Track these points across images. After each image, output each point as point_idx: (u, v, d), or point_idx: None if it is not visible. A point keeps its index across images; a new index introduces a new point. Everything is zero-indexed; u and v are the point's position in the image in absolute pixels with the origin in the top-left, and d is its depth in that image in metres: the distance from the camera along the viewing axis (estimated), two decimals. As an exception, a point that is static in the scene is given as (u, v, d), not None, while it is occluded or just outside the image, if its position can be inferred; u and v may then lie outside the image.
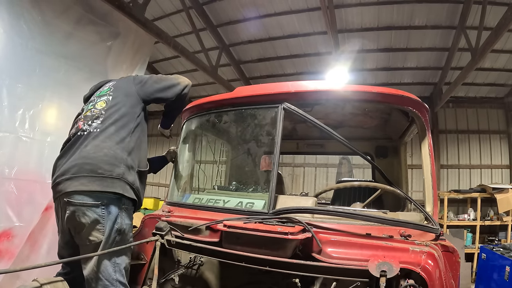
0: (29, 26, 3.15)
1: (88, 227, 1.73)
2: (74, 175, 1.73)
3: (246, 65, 8.74)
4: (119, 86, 2.18)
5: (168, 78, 2.24)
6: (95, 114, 1.97)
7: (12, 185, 2.97)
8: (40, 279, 1.65)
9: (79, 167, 1.74)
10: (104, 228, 1.74)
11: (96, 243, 1.75)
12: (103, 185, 1.73)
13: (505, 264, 4.25)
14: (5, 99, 2.95)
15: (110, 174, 1.76)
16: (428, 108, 2.13)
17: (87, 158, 1.77)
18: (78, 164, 1.75)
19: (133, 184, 1.89)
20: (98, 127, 1.90)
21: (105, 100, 2.04)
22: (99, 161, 1.75)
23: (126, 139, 1.92)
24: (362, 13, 6.40)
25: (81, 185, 1.71)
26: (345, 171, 8.86)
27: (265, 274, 1.72)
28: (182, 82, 2.23)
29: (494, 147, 8.31)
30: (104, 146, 1.81)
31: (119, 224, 1.81)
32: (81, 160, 1.77)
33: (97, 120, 1.93)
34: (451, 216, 7.64)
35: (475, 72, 6.91)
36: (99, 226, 1.74)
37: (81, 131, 1.92)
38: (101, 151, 1.79)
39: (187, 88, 2.25)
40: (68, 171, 1.76)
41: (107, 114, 1.95)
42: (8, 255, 2.92)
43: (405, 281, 1.44)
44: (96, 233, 1.75)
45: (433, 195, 2.03)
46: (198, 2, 6.72)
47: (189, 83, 2.27)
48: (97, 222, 1.73)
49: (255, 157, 2.62)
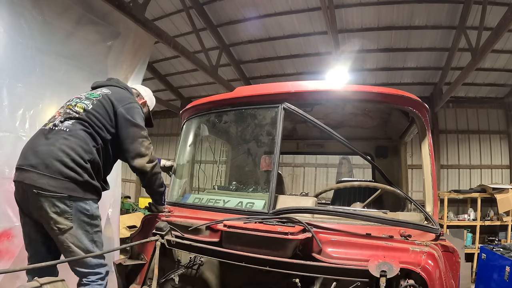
0: (29, 25, 3.15)
1: (54, 216, 1.83)
2: (41, 172, 1.82)
3: (246, 65, 8.75)
4: (105, 101, 2.11)
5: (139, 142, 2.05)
6: (71, 114, 2.02)
7: (12, 185, 2.97)
8: (40, 279, 1.65)
9: (45, 166, 1.83)
10: (72, 216, 1.86)
11: (67, 227, 1.86)
12: (68, 189, 1.84)
13: (505, 264, 4.24)
14: (5, 99, 2.95)
15: (73, 179, 1.86)
16: (428, 108, 2.13)
17: (52, 158, 1.84)
18: (45, 162, 1.84)
19: (94, 184, 1.98)
20: (69, 126, 1.97)
21: (86, 105, 2.07)
22: (64, 164, 1.85)
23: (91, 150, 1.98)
24: (362, 13, 6.40)
25: (48, 185, 1.80)
26: (345, 171, 8.86)
27: (265, 274, 1.72)
28: (148, 157, 2.05)
29: (494, 147, 8.31)
30: (74, 150, 1.89)
31: (88, 210, 1.94)
32: (48, 158, 1.84)
33: (70, 120, 1.99)
34: (451, 216, 7.64)
35: (475, 72, 6.91)
36: (67, 215, 1.85)
37: (53, 125, 1.99)
38: (69, 154, 1.87)
39: (150, 169, 2.07)
40: (36, 164, 1.84)
41: (81, 117, 2.01)
42: (8, 255, 2.92)
43: (405, 281, 1.44)
44: (64, 220, 1.85)
45: (433, 195, 2.03)
46: (198, 2, 6.72)
47: (152, 166, 2.07)
48: (63, 212, 1.84)
49: (255, 157, 2.62)
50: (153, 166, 2.12)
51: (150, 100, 2.66)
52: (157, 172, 2.16)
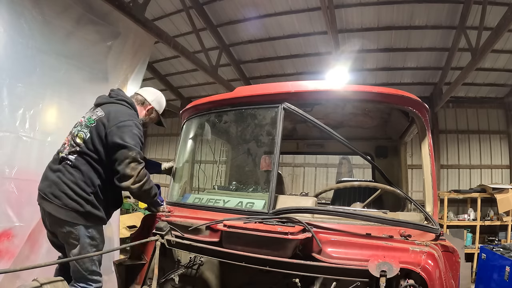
0: (29, 25, 3.15)
1: (66, 235, 2.13)
2: (52, 201, 2.10)
3: (246, 65, 8.74)
4: (99, 127, 2.17)
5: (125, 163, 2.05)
6: (74, 147, 2.20)
7: (13, 185, 2.97)
8: (40, 279, 1.66)
9: (54, 196, 2.10)
10: (78, 237, 2.12)
11: (75, 245, 2.14)
12: (71, 217, 2.10)
13: (505, 264, 4.24)
14: (5, 99, 2.95)
15: (76, 209, 2.09)
16: (428, 108, 2.13)
17: (59, 191, 2.10)
18: (54, 193, 2.11)
19: (96, 215, 2.18)
20: (73, 160, 2.17)
21: (84, 134, 2.21)
22: (71, 196, 2.09)
23: (93, 184, 2.16)
24: (362, 13, 6.40)
25: (57, 213, 2.09)
26: (345, 171, 8.86)
27: (265, 274, 1.72)
28: (133, 179, 2.04)
29: (494, 147, 8.30)
30: (76, 184, 2.11)
31: (90, 233, 2.17)
32: (56, 190, 2.11)
33: (73, 154, 2.18)
34: (451, 216, 7.63)
35: (475, 72, 6.90)
36: (73, 235, 2.12)
37: (63, 157, 2.21)
38: (72, 188, 2.10)
39: (137, 189, 2.08)
40: (48, 193, 2.13)
41: (81, 151, 2.17)
42: (8, 255, 2.92)
43: (405, 281, 1.44)
44: (72, 240, 2.13)
45: (433, 195, 2.03)
46: (198, 2, 6.72)
47: (139, 187, 2.07)
48: (71, 233, 2.12)
49: (255, 157, 2.62)
50: (139, 186, 2.09)
51: (158, 104, 2.60)
52: (146, 189, 2.13)
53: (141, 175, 2.09)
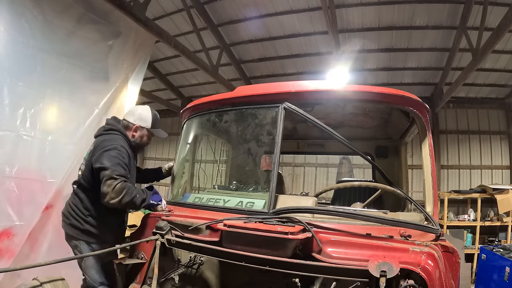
0: (30, 24, 3.15)
1: (74, 248, 2.46)
2: (63, 219, 2.50)
3: (246, 65, 8.74)
4: (89, 159, 2.39)
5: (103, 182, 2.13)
6: (78, 177, 2.54)
7: (13, 184, 2.97)
8: (40, 278, 1.66)
9: (64, 215, 2.50)
10: (82, 251, 2.40)
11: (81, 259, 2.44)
12: (75, 233, 2.42)
13: (505, 265, 4.24)
14: (6, 98, 2.95)
15: (77, 227, 2.41)
16: (428, 108, 2.13)
17: (66, 211, 2.50)
18: (64, 211, 2.51)
19: (95, 233, 2.43)
20: (75, 188, 2.54)
21: (83, 166, 2.50)
22: (74, 216, 2.43)
23: (88, 208, 2.43)
24: (363, 13, 6.39)
25: (65, 228, 2.48)
26: (346, 171, 8.85)
27: (265, 274, 1.73)
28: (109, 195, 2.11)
29: (494, 148, 8.29)
30: (77, 207, 2.45)
31: (92, 250, 2.39)
32: (66, 210, 2.51)
33: (76, 184, 2.54)
34: (451, 216, 7.63)
35: (476, 72, 6.89)
36: (78, 249, 2.42)
37: (73, 183, 2.59)
38: (75, 210, 2.45)
39: (116, 203, 2.12)
40: (62, 213, 2.54)
41: (79, 181, 2.49)
42: (8, 254, 2.93)
43: (405, 281, 1.44)
44: (79, 253, 2.41)
45: (433, 196, 2.03)
46: (199, 1, 6.71)
47: (117, 201, 2.12)
48: (77, 247, 2.42)
49: (255, 156, 2.63)
50: (118, 201, 2.11)
51: (141, 121, 2.54)
52: (127, 201, 2.14)
53: (116, 190, 2.11)
